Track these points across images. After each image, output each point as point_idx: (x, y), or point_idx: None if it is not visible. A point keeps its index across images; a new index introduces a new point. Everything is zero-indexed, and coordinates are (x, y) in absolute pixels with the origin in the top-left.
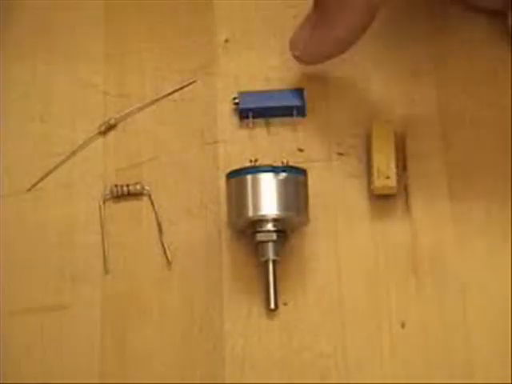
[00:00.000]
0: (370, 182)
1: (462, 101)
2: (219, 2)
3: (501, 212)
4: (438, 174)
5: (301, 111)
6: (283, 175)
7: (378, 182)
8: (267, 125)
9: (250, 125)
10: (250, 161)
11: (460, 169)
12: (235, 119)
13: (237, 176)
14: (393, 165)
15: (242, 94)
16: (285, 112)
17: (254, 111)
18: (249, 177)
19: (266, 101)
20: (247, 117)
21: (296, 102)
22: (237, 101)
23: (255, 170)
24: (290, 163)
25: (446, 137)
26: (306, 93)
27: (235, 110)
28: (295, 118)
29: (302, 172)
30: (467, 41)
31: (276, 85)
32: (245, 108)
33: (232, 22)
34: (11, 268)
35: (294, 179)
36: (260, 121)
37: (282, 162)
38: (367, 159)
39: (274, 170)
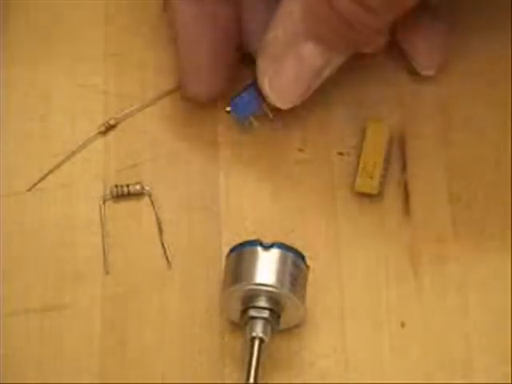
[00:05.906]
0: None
1: (462, 100)
2: None
3: (500, 211)
4: (438, 174)
5: None
6: None
7: (360, 180)
8: (266, 124)
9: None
10: None
11: (460, 169)
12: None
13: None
14: (380, 166)
15: (233, 100)
16: None
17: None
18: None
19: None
20: (243, 123)
21: None
22: (228, 109)
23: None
24: (290, 162)
25: (446, 137)
26: None
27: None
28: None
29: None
30: (467, 40)
31: None
32: (240, 116)
33: None
34: (11, 268)
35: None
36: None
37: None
38: None
39: None
